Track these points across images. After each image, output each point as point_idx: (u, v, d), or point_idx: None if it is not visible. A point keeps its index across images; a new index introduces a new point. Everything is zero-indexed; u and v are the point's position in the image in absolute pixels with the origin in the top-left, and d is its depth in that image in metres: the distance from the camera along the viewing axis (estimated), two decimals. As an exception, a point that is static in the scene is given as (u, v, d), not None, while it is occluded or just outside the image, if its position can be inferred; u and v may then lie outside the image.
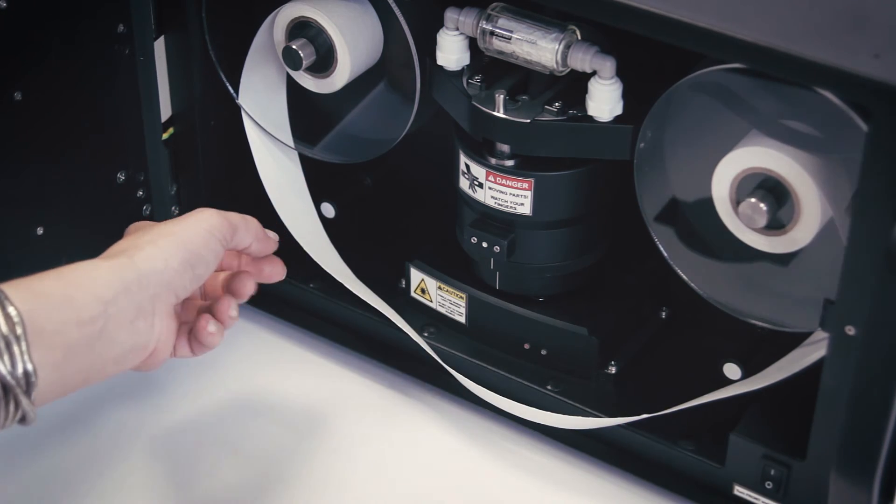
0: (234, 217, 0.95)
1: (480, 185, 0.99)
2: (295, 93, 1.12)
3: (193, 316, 0.96)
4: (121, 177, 1.10)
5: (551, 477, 1.03)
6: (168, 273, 0.88)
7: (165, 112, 1.11)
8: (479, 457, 1.05)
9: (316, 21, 1.02)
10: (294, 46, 1.02)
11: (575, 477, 1.03)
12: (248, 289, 0.97)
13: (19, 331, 0.78)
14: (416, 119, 1.03)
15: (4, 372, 0.77)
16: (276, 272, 1.00)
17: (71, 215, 1.07)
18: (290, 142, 1.13)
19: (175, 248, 0.89)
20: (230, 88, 1.10)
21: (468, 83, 0.97)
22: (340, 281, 1.10)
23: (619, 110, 0.93)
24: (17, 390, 0.77)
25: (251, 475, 1.03)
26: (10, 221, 1.02)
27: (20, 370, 0.78)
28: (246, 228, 0.95)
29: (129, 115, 1.08)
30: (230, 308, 0.94)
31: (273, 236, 0.99)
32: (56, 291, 0.83)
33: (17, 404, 0.77)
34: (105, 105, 1.07)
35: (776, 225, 0.88)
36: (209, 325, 0.93)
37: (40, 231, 1.04)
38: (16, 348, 0.78)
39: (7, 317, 0.78)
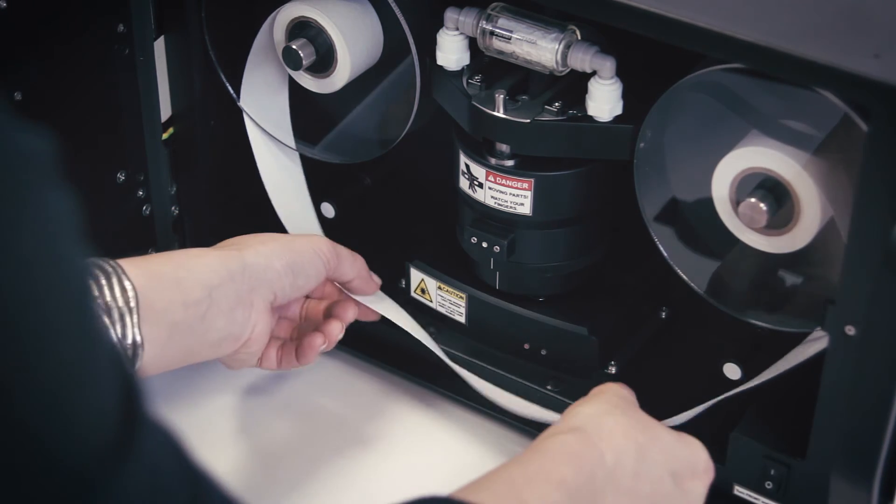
0: (343, 250, 1.01)
1: (480, 185, 0.99)
2: (295, 93, 1.13)
3: (287, 334, 1.01)
4: (121, 177, 1.10)
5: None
6: (270, 272, 0.94)
7: (165, 112, 1.11)
8: (481, 456, 1.05)
9: (316, 21, 1.02)
10: (294, 46, 1.02)
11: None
12: (350, 315, 1.02)
13: (133, 304, 0.84)
14: (416, 119, 1.03)
15: (115, 340, 0.81)
16: (371, 314, 1.06)
17: (71, 215, 1.07)
18: (292, 142, 1.13)
19: (281, 252, 0.96)
20: (230, 88, 1.10)
21: (468, 83, 0.97)
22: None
23: (618, 110, 0.93)
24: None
25: (251, 474, 1.03)
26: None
27: (129, 340, 0.84)
28: (352, 263, 1.01)
29: (129, 115, 1.08)
30: (338, 331, 1.01)
31: (377, 280, 1.05)
32: (168, 273, 0.89)
33: None
34: (105, 105, 1.07)
35: (776, 225, 0.88)
36: (318, 340, 1.00)
37: (40, 231, 1.04)
38: (128, 319, 0.84)
39: (123, 290, 0.84)
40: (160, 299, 0.88)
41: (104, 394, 0.52)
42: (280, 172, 1.13)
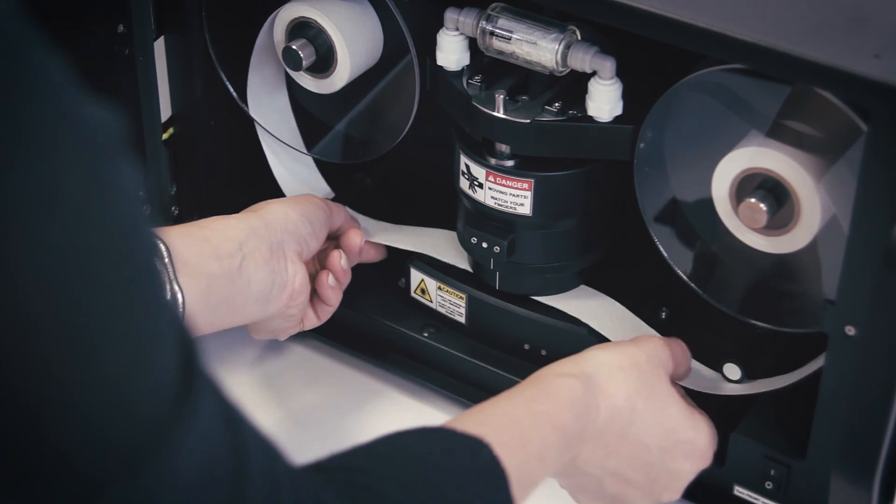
0: (328, 200, 1.07)
1: (480, 186, 0.99)
2: (294, 93, 1.13)
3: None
4: (121, 177, 1.10)
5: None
6: (290, 222, 1.00)
7: (165, 112, 1.11)
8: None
9: (316, 21, 1.02)
10: (294, 47, 1.02)
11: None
12: (356, 240, 1.06)
13: (166, 259, 0.87)
14: (416, 120, 1.03)
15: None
16: (373, 251, 1.11)
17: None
18: (296, 142, 1.13)
19: (293, 204, 1.02)
20: (230, 88, 1.10)
21: (468, 83, 0.97)
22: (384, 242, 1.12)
23: (618, 110, 0.93)
24: None
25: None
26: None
27: (168, 294, 0.86)
28: (338, 209, 1.07)
29: (128, 115, 1.09)
30: (340, 259, 1.04)
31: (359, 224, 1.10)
32: (195, 233, 0.94)
33: None
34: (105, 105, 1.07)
35: (776, 225, 0.88)
36: (328, 279, 1.03)
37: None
38: (164, 275, 0.86)
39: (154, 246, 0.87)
40: (192, 254, 0.92)
41: (167, 356, 0.54)
42: (294, 174, 1.14)
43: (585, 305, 1.04)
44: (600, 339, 1.03)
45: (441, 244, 1.09)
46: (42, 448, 0.50)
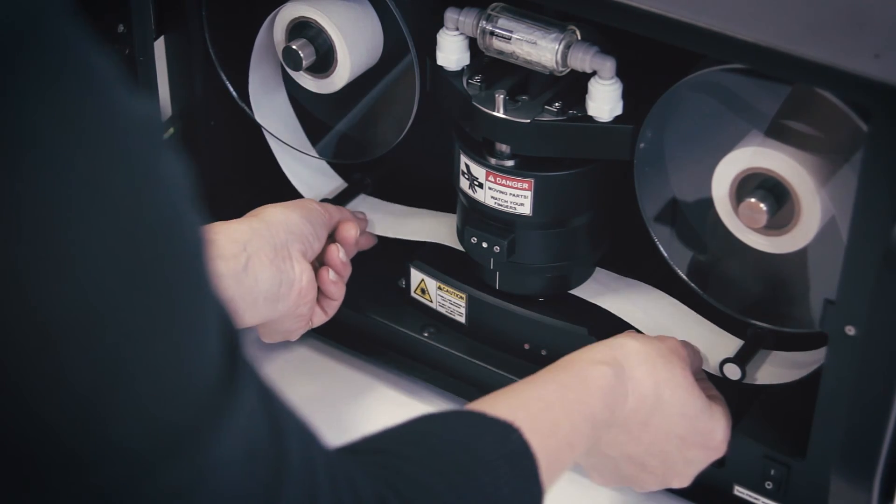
0: (323, 203, 1.08)
1: (480, 186, 0.99)
2: (294, 93, 1.13)
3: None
4: (121, 177, 1.10)
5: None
6: (291, 223, 1.01)
7: (165, 112, 1.11)
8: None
9: (316, 21, 1.02)
10: (294, 47, 1.01)
11: (576, 476, 1.03)
12: (351, 232, 1.07)
13: None
14: (416, 120, 1.03)
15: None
16: (367, 241, 1.12)
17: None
18: (298, 140, 1.13)
19: (292, 207, 1.03)
20: (230, 88, 1.10)
21: (468, 83, 0.97)
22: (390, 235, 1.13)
23: (618, 110, 0.93)
24: None
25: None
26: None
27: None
28: (333, 210, 1.08)
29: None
30: (338, 252, 1.05)
31: (360, 215, 1.12)
32: None
33: None
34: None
35: (776, 225, 0.88)
36: (329, 274, 1.04)
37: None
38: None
39: None
40: None
41: (213, 342, 0.55)
42: (306, 166, 1.15)
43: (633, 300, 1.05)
44: (599, 339, 1.03)
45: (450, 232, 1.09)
46: (93, 431, 0.51)
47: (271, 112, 1.12)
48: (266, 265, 0.98)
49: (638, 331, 1.02)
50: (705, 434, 0.91)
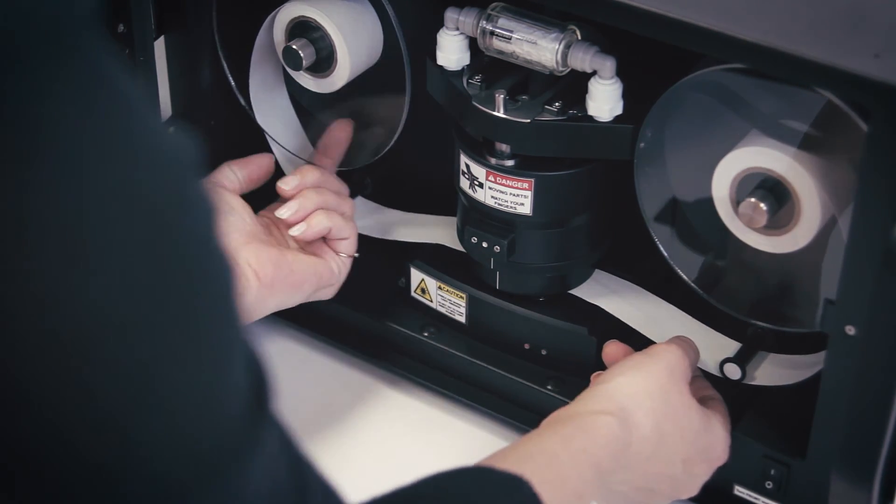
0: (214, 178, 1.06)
1: (480, 185, 0.99)
2: (293, 93, 1.13)
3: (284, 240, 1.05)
4: (121, 177, 1.10)
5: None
6: (233, 235, 1.00)
7: (165, 112, 1.11)
8: (480, 456, 1.05)
9: (316, 21, 1.02)
10: (294, 46, 1.01)
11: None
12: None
13: None
14: (417, 119, 1.03)
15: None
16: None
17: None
18: (298, 140, 1.13)
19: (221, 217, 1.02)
20: (235, 88, 1.10)
21: (468, 83, 0.97)
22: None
23: (619, 110, 0.93)
24: None
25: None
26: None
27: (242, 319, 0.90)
28: (222, 171, 1.06)
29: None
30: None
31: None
32: None
33: None
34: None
35: (776, 225, 0.88)
36: (282, 211, 1.04)
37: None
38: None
39: None
40: None
41: (242, 380, 0.55)
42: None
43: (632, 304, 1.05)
44: (599, 339, 1.03)
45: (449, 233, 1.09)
46: (116, 452, 0.50)
47: (272, 113, 1.12)
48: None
49: (638, 332, 1.02)
50: (707, 449, 0.91)
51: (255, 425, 0.55)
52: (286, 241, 1.05)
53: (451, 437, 1.07)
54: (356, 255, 1.06)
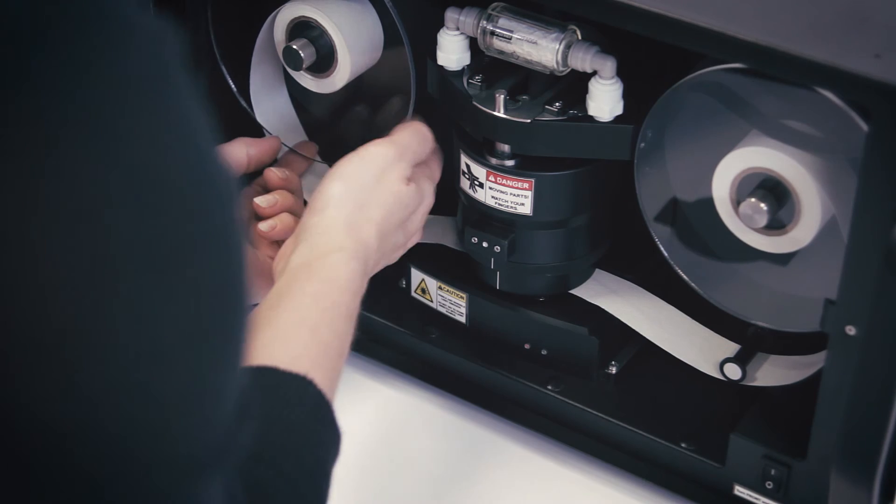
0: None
1: (481, 185, 0.99)
2: (293, 92, 1.13)
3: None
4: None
5: (553, 476, 1.03)
6: None
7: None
8: (480, 456, 1.05)
9: (316, 21, 1.02)
10: (295, 46, 1.01)
11: (576, 476, 1.03)
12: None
13: None
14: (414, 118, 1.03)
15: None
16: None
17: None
18: (299, 139, 1.13)
19: None
20: (234, 89, 1.10)
21: (469, 83, 0.97)
22: None
23: (619, 110, 0.93)
24: None
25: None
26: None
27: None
28: (252, 143, 1.05)
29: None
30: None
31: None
32: None
33: None
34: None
35: (777, 225, 0.88)
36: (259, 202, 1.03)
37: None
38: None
39: None
40: None
41: (235, 384, 0.55)
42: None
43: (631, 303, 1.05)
44: (600, 339, 1.03)
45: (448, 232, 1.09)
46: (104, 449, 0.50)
47: (272, 112, 1.12)
48: None
49: (638, 333, 1.02)
50: (410, 228, 0.99)
51: (237, 431, 0.56)
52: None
53: (450, 436, 1.06)
54: None
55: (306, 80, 1.06)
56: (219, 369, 0.54)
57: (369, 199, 0.94)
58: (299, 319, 0.85)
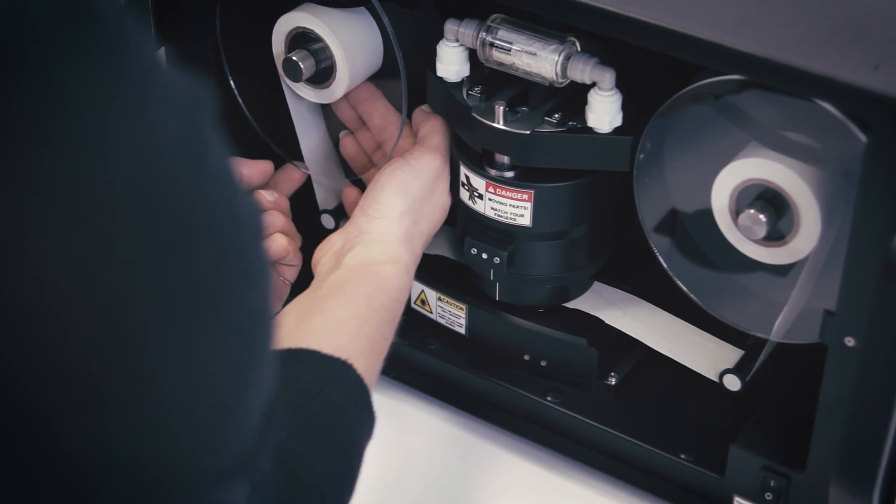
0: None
1: (480, 197, 0.99)
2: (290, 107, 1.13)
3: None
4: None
5: (552, 487, 1.03)
6: None
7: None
8: (479, 467, 1.05)
9: (315, 32, 1.02)
10: (294, 58, 1.02)
11: (575, 488, 1.03)
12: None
13: None
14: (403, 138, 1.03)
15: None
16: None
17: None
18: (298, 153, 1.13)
19: None
20: (239, 98, 1.10)
21: (468, 94, 0.98)
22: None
23: (618, 121, 0.93)
24: None
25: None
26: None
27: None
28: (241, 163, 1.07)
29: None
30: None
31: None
32: None
33: None
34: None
35: (776, 236, 0.88)
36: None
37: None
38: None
39: None
40: None
41: (265, 390, 0.57)
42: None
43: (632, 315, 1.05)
44: (599, 350, 1.03)
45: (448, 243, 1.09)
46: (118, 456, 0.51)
47: (314, 150, 1.13)
48: None
49: (638, 344, 1.02)
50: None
51: (264, 436, 0.57)
52: None
53: (449, 447, 1.06)
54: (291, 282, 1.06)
55: (305, 91, 1.06)
56: (251, 391, 0.55)
57: (422, 213, 0.99)
58: (350, 314, 0.88)
